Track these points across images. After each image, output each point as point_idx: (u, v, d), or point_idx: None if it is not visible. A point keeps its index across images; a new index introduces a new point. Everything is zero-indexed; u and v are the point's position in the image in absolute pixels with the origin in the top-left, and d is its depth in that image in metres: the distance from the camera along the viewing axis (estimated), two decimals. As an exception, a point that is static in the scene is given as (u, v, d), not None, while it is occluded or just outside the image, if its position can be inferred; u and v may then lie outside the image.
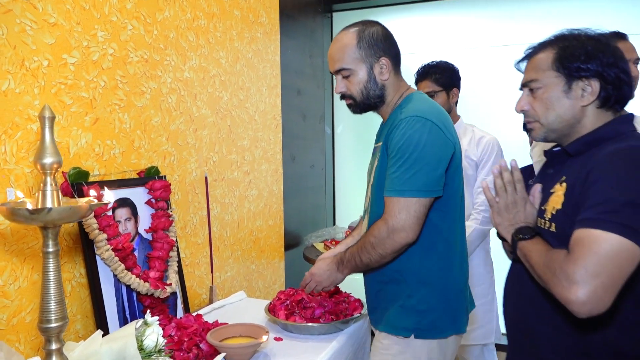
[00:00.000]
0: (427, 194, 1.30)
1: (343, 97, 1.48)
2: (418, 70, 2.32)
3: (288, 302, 1.69)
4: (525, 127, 2.47)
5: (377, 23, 1.46)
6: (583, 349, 1.09)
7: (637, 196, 0.97)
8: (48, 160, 0.97)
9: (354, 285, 1.98)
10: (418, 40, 3.46)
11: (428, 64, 2.30)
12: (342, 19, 3.65)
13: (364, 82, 1.42)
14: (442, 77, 2.24)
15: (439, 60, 2.30)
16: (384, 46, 1.42)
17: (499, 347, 2.91)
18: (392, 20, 3.56)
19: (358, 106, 1.47)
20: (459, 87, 2.30)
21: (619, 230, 0.95)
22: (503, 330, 1.92)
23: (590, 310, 0.94)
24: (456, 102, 2.33)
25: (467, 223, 2.22)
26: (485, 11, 3.31)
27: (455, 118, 2.34)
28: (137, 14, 1.67)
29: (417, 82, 2.32)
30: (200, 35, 2.01)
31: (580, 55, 1.12)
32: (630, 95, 1.16)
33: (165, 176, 1.73)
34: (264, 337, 1.41)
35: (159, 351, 1.18)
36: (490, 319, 2.35)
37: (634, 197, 0.97)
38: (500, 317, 1.88)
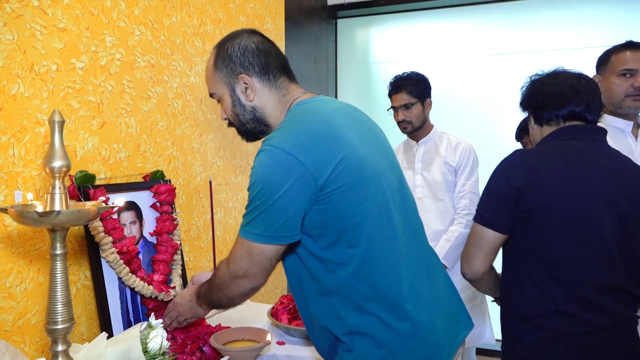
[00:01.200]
0: (270, 240, 1.06)
1: (230, 124, 1.29)
2: (391, 82, 2.33)
3: (290, 306, 1.70)
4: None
5: (247, 33, 1.24)
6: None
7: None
8: (57, 163, 0.98)
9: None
10: (420, 48, 3.48)
11: (401, 76, 2.31)
12: (347, 26, 3.67)
13: (231, 108, 1.23)
14: (417, 88, 2.26)
15: (411, 72, 2.32)
16: (243, 61, 1.19)
17: (492, 353, 2.89)
18: (396, 28, 3.58)
19: (242, 134, 1.28)
20: (431, 97, 2.33)
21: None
22: (497, 335, 1.92)
23: None
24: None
25: (451, 227, 2.26)
26: (487, 19, 3.33)
27: (429, 127, 2.37)
28: (145, 19, 1.69)
29: (390, 94, 2.32)
30: (207, 40, 2.03)
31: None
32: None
33: (170, 180, 1.74)
34: (267, 340, 1.42)
35: (163, 354, 1.19)
36: (482, 321, 2.36)
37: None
38: (495, 322, 1.89)
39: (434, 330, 1.13)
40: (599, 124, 1.47)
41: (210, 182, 1.95)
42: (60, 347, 1.01)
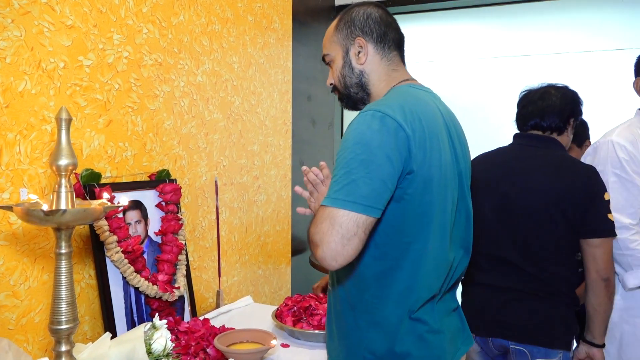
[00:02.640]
0: (358, 207, 0.98)
1: (333, 89, 1.31)
2: None
3: (295, 308, 1.68)
4: None
5: (372, 4, 1.26)
6: None
7: None
8: (63, 161, 0.97)
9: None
10: (427, 49, 3.47)
11: None
12: (354, 26, 3.66)
13: (339, 69, 1.25)
14: None
15: None
16: (363, 25, 1.21)
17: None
18: (403, 29, 3.56)
19: (342, 99, 1.29)
20: None
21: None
22: None
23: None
24: None
25: None
26: (495, 22, 3.32)
27: None
28: (153, 17, 1.68)
29: None
30: (214, 40, 2.02)
31: None
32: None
33: (175, 179, 1.73)
34: (273, 343, 1.41)
35: (167, 355, 1.18)
36: None
37: None
38: None
39: (440, 339, 1.12)
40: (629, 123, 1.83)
41: (216, 181, 1.94)
42: (63, 347, 1.00)
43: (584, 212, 1.58)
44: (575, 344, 1.76)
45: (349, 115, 3.59)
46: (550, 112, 1.72)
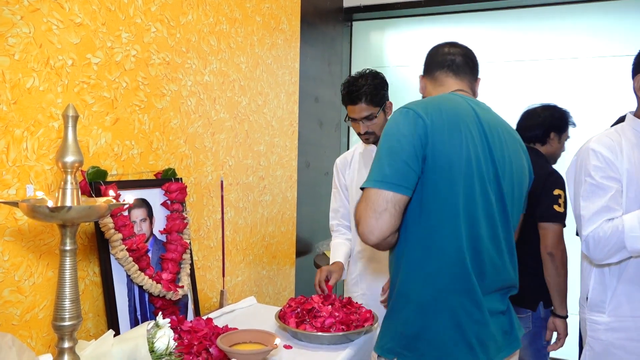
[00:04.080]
0: (385, 185, 1.12)
1: None
2: (345, 91, 1.88)
3: (299, 310, 1.68)
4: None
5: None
6: None
7: None
8: (70, 159, 0.97)
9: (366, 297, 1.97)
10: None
11: (355, 83, 1.86)
12: (362, 29, 3.65)
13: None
14: (377, 95, 1.85)
15: (367, 73, 1.89)
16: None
17: None
18: (410, 32, 3.56)
19: None
20: (389, 97, 1.96)
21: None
22: None
23: None
24: None
25: None
26: (503, 26, 3.30)
27: None
28: (161, 16, 1.69)
29: (346, 104, 1.90)
30: (222, 39, 2.03)
31: None
32: None
33: (181, 178, 1.73)
34: (275, 344, 1.40)
35: (170, 354, 1.18)
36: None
37: None
38: None
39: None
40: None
41: (222, 181, 1.94)
42: (66, 344, 1.00)
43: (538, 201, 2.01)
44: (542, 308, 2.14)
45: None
46: (534, 128, 2.24)
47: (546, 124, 2.20)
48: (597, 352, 1.57)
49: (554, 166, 2.21)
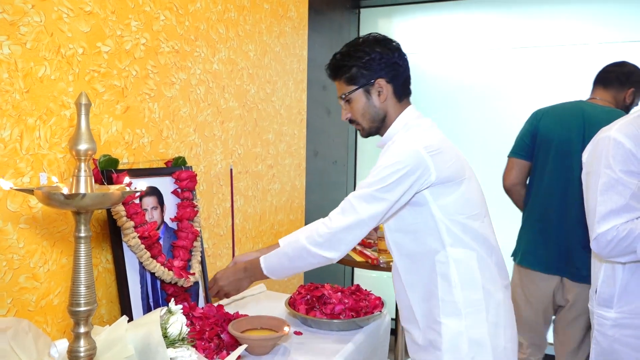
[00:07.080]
0: None
1: None
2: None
3: (309, 296, 1.69)
4: None
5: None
6: None
7: None
8: (83, 146, 0.98)
9: (374, 282, 1.98)
10: (442, 39, 3.43)
11: (337, 52, 1.59)
12: (370, 16, 3.63)
13: None
14: (358, 66, 1.51)
15: (354, 40, 1.58)
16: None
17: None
18: (418, 19, 3.53)
19: None
20: (385, 76, 1.55)
21: None
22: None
23: None
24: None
25: None
26: (511, 12, 3.26)
27: (389, 124, 1.48)
28: (170, 4, 1.69)
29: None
30: (230, 27, 2.02)
31: None
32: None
33: (191, 167, 1.74)
34: (286, 330, 1.42)
35: (183, 339, 1.20)
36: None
37: None
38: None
39: None
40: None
41: (231, 169, 1.95)
42: (82, 329, 1.01)
43: None
44: None
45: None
46: None
47: None
48: (604, 347, 1.55)
49: None
